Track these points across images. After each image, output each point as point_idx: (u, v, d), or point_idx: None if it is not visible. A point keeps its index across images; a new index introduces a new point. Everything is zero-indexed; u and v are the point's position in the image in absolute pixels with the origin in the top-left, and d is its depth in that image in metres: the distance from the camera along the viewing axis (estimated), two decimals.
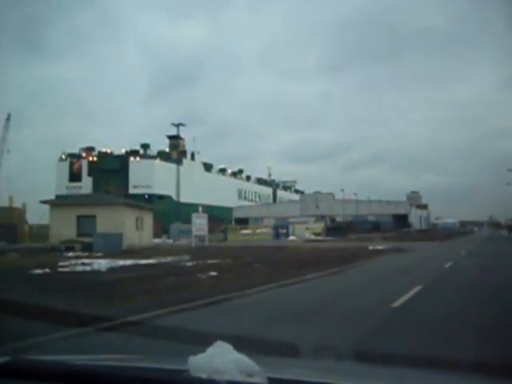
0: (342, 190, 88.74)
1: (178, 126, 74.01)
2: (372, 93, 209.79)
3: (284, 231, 65.68)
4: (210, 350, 1.80)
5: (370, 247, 31.87)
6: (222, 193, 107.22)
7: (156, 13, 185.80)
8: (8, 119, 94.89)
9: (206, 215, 37.03)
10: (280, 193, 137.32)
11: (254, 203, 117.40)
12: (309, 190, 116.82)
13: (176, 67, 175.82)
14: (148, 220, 34.77)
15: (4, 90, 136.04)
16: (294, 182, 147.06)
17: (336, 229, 72.02)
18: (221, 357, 1.75)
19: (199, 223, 35.41)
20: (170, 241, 58.91)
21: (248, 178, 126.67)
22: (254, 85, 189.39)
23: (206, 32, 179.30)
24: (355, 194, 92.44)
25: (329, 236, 64.02)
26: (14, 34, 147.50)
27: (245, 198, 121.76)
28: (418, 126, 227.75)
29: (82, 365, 2.16)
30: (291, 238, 60.05)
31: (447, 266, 18.49)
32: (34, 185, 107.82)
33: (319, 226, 68.74)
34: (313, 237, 65.14)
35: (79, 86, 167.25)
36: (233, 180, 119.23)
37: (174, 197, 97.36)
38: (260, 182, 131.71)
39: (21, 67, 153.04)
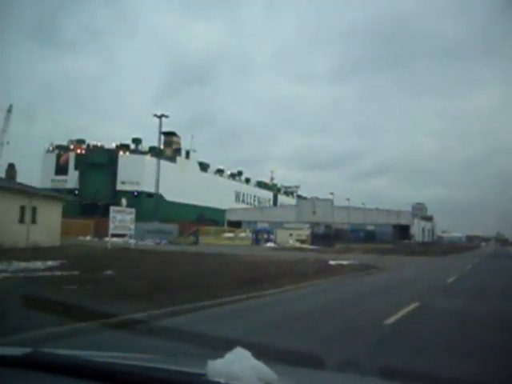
0: (332, 194, 79.22)
1: (160, 117, 65.03)
2: (382, 102, 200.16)
3: (265, 236, 56.48)
4: (229, 356, 1.71)
5: (332, 262, 22.55)
6: (217, 194, 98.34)
7: (171, 11, 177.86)
8: (9, 110, 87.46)
9: (132, 210, 27.92)
10: (281, 198, 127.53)
11: (250, 206, 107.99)
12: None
13: (188, 67, 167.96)
14: (49, 212, 25.60)
15: (11, 81, 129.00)
16: (297, 187, 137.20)
17: (324, 237, 62.44)
18: (239, 363, 1.67)
19: (120, 219, 26.35)
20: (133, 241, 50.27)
21: (247, 181, 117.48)
22: (264, 88, 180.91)
23: (218, 33, 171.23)
24: (348, 199, 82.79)
25: (314, 244, 54.58)
26: (26, 25, 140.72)
27: (243, 201, 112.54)
28: (427, 138, 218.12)
29: (101, 362, 2.06)
30: (268, 244, 50.72)
31: (394, 318, 8.72)
32: (23, 176, 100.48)
33: (304, 233, 59.23)
34: (297, 244, 55.94)
35: (89, 82, 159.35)
36: (230, 182, 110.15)
37: (166, 195, 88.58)
38: (260, 185, 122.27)
39: (29, 59, 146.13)
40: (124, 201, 28.71)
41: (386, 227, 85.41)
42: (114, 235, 28.25)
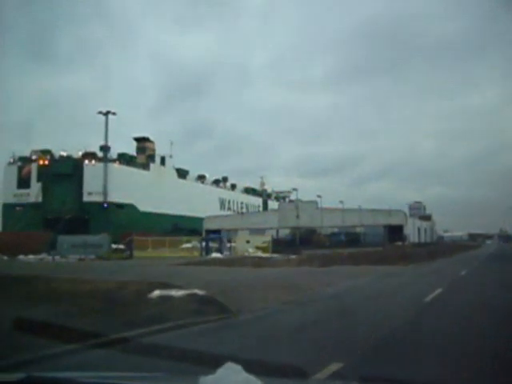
0: (295, 189, 67.12)
1: (106, 114, 53.74)
2: (380, 105, 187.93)
3: (216, 246, 44.72)
4: (221, 371, 1.66)
5: (159, 292, 10.70)
6: (199, 202, 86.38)
7: (164, 22, 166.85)
8: None
9: None
10: (272, 204, 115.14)
11: (232, 213, 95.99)
12: None
13: (182, 80, 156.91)
14: None
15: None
16: (289, 192, 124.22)
17: (290, 242, 50.41)
18: (230, 378, 1.62)
19: None
20: (55, 258, 38.94)
21: (233, 187, 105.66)
22: (260, 97, 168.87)
23: (213, 43, 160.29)
24: (319, 196, 70.86)
25: (277, 252, 42.69)
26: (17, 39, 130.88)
27: (229, 208, 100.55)
28: (426, 139, 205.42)
29: (93, 383, 1.96)
30: (214, 255, 38.87)
31: None
32: None
33: (265, 240, 47.07)
34: (259, 253, 44.07)
35: (82, 95, 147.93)
36: (213, 188, 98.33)
37: (139, 206, 77.21)
38: (248, 191, 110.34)
39: (21, 74, 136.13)
40: None
41: (377, 229, 73.55)
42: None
